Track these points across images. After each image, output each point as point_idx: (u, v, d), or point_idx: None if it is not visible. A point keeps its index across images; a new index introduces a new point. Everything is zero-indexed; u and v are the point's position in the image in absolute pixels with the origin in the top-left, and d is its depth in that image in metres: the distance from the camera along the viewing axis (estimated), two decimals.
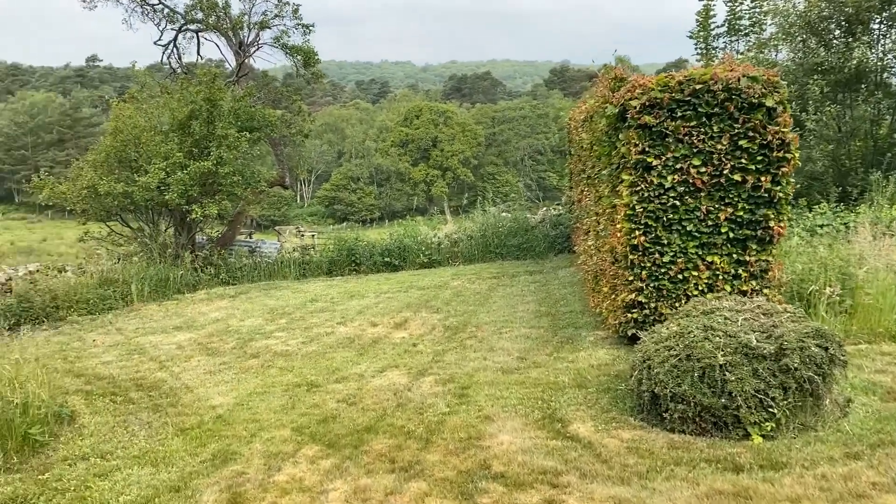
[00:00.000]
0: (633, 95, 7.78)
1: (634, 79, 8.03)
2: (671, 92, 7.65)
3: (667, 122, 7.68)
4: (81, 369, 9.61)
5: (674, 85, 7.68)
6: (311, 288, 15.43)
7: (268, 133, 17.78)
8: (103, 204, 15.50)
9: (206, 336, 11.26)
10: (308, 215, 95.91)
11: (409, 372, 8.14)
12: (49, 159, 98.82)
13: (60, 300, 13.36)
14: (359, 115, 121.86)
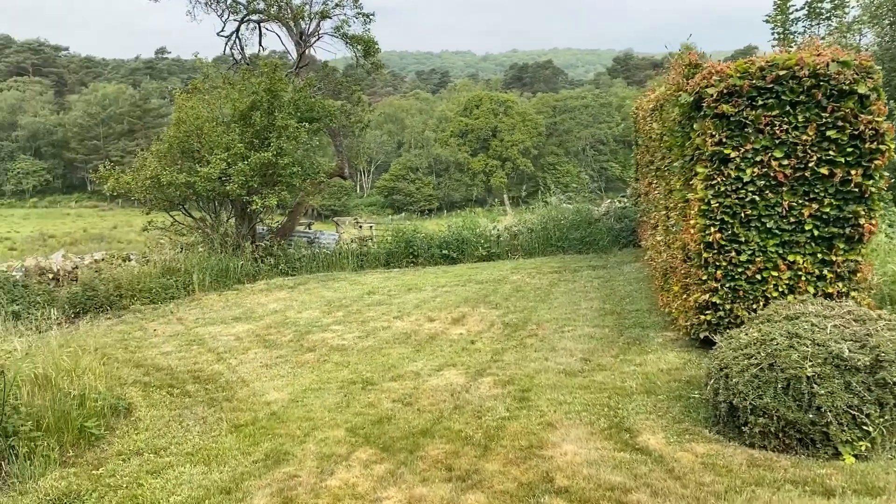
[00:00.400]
0: (709, 82, 7.27)
1: (710, 65, 7.52)
2: (752, 78, 7.12)
3: (746, 111, 7.15)
4: (141, 360, 9.66)
5: (754, 71, 7.14)
6: (369, 280, 15.29)
7: (327, 123, 17.71)
8: (166, 194, 15.69)
9: (264, 328, 11.21)
10: (367, 205, 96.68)
11: (466, 371, 7.85)
12: (119, 149, 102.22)
13: (124, 289, 13.55)
14: (418, 105, 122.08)
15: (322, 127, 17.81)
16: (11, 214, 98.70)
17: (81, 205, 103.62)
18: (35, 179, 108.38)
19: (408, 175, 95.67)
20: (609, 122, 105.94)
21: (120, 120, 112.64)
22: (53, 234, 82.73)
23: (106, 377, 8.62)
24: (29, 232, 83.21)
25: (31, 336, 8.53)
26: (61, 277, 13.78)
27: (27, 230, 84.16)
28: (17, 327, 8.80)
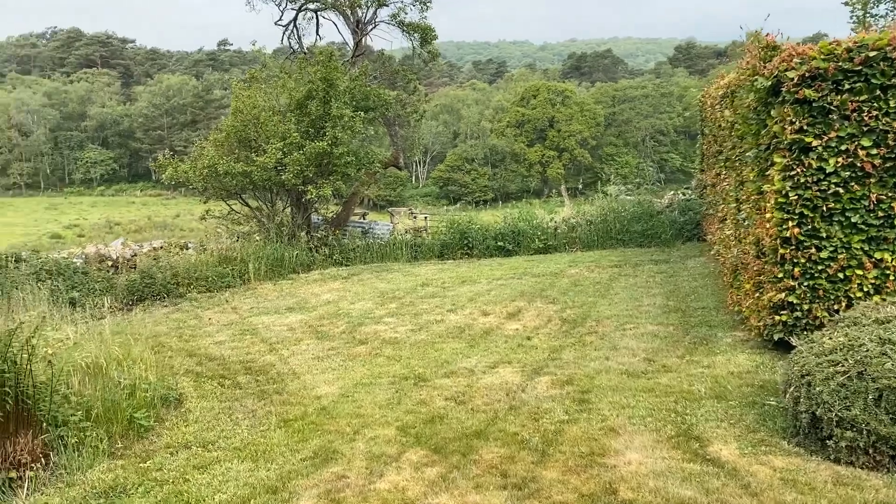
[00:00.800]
0: (789, 65, 6.74)
1: (790, 47, 6.97)
2: (837, 61, 6.56)
3: (830, 95, 6.60)
4: (194, 349, 9.63)
5: (840, 53, 6.58)
6: (423, 271, 15.07)
7: (382, 113, 17.54)
8: (223, 183, 15.76)
9: (316, 318, 11.09)
10: (422, 196, 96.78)
11: (522, 370, 7.52)
12: (182, 139, 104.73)
13: (180, 277, 13.65)
14: (475, 95, 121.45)
15: (377, 116, 17.65)
16: (80, 202, 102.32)
17: (146, 193, 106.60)
18: (103, 168, 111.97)
19: (463, 166, 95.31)
20: (670, 113, 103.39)
21: (183, 110, 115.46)
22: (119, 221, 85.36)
23: (158, 366, 8.61)
24: (96, 219, 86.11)
25: (87, 323, 8.56)
26: (120, 265, 13.97)
27: (95, 217, 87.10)
28: (74, 314, 8.82)
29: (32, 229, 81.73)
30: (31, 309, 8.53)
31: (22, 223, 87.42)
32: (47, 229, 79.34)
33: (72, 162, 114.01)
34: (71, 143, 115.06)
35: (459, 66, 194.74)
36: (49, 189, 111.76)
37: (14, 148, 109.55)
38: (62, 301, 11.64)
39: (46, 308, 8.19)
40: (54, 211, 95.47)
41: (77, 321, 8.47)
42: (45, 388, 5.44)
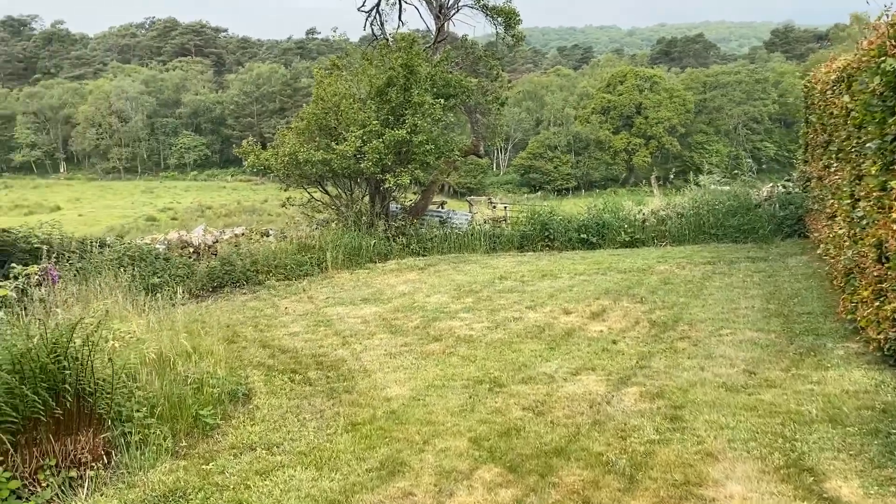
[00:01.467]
0: None
1: None
2: None
3: None
4: (268, 339, 9.49)
5: None
6: (501, 264, 14.58)
7: (463, 100, 17.07)
8: (303, 171, 15.69)
9: (391, 311, 10.80)
10: (502, 184, 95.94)
11: (608, 378, 6.96)
12: (271, 126, 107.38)
13: (260, 265, 13.64)
14: (559, 81, 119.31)
15: (458, 104, 17.20)
16: (174, 186, 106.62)
17: (236, 179, 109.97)
18: (195, 154, 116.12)
19: (546, 153, 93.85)
20: (764, 99, 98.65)
21: (272, 98, 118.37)
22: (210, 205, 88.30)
23: (230, 358, 8.49)
24: (189, 203, 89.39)
25: (163, 311, 8.49)
26: (202, 251, 14.08)
27: (187, 201, 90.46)
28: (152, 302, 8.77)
29: (129, 212, 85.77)
30: (108, 296, 8.54)
31: (120, 206, 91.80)
32: (143, 212, 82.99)
33: (167, 147, 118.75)
34: (166, 130, 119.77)
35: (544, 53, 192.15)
36: (145, 173, 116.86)
37: (114, 133, 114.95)
38: (143, 287, 11.79)
39: (121, 297, 8.14)
40: (150, 194, 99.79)
41: (152, 310, 8.40)
42: (108, 384, 5.27)
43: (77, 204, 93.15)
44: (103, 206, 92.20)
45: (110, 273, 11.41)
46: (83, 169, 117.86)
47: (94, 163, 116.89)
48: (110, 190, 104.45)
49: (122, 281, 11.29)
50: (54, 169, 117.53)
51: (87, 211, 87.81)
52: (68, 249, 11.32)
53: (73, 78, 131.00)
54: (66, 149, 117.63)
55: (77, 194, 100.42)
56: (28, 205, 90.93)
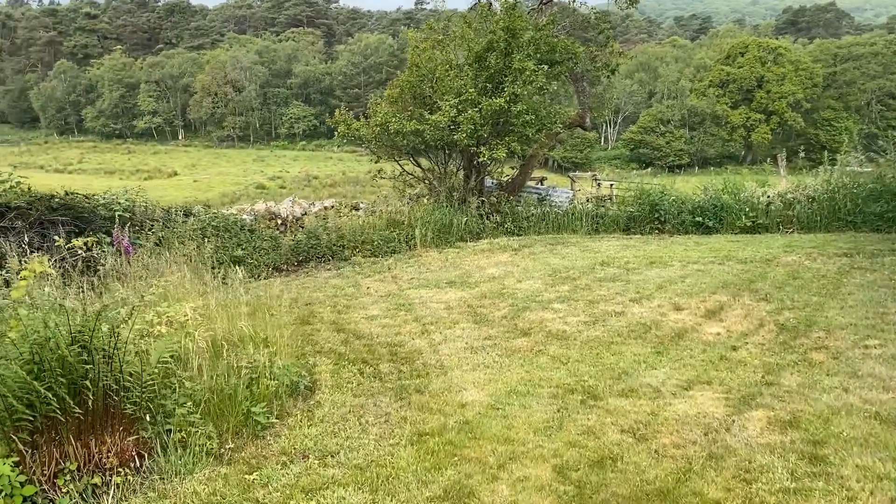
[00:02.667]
0: None
1: None
2: None
3: None
4: (345, 322, 8.82)
5: None
6: (604, 247, 13.36)
7: (569, 67, 15.75)
8: (394, 142, 14.94)
9: (477, 297, 9.90)
10: (610, 159, 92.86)
11: (727, 396, 5.80)
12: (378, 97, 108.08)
13: (346, 240, 13.06)
14: (675, 52, 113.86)
15: (563, 71, 15.91)
16: (284, 155, 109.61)
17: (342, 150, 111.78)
18: (305, 124, 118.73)
19: (658, 127, 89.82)
20: None
21: (379, 69, 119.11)
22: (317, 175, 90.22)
23: (302, 341, 7.88)
24: (297, 172, 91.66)
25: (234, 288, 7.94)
26: (289, 224, 13.64)
27: (295, 170, 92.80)
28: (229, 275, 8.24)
29: (241, 179, 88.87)
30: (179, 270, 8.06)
31: (233, 173, 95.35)
32: (254, 180, 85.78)
33: (277, 117, 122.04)
34: (277, 100, 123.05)
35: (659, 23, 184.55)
36: (257, 142, 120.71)
37: (228, 103, 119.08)
38: (226, 259, 11.42)
39: (189, 272, 7.61)
40: (261, 163, 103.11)
41: (222, 287, 7.85)
42: (139, 379, 4.63)
43: (193, 170, 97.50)
44: (217, 173, 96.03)
45: (193, 244, 11.10)
46: (200, 136, 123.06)
47: (210, 131, 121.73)
48: (224, 157, 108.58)
49: (205, 252, 10.96)
50: (173, 136, 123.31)
51: (201, 177, 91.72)
52: (151, 218, 11.05)
53: (193, 48, 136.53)
54: (184, 116, 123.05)
55: (193, 161, 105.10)
56: (148, 169, 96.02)
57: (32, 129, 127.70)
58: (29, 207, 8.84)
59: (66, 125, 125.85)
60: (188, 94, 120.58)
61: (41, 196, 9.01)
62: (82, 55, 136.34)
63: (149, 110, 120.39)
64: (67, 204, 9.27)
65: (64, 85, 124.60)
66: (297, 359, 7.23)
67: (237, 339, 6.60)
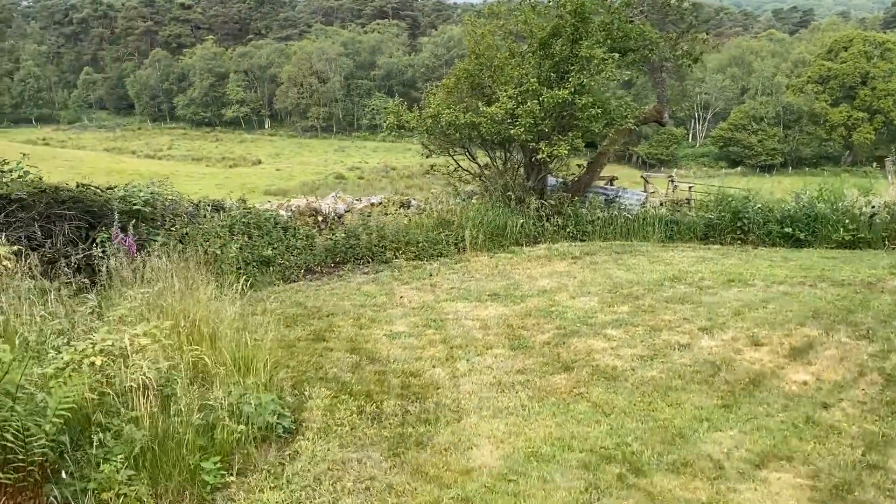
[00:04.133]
0: None
1: None
2: None
3: None
4: (363, 340, 7.75)
5: None
6: (676, 259, 11.82)
7: (645, 55, 14.12)
8: (447, 135, 13.75)
9: (521, 314, 8.64)
10: (697, 156, 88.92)
11: (812, 482, 4.38)
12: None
13: (388, 240, 11.99)
14: (771, 47, 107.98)
15: (638, 59, 14.29)
16: (364, 146, 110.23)
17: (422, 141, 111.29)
18: None
19: (749, 125, 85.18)
20: None
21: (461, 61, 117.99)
22: (395, 166, 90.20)
23: (306, 364, 6.87)
24: (375, 163, 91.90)
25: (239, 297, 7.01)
26: (331, 221, 12.69)
27: (374, 161, 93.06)
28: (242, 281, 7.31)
29: (322, 168, 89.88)
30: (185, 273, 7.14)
31: (314, 163, 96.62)
32: (333, 170, 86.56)
33: (360, 108, 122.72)
34: (360, 91, 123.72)
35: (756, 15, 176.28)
36: (339, 133, 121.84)
37: (313, 93, 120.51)
38: (254, 259, 10.55)
39: (178, 282, 6.66)
40: (342, 153, 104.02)
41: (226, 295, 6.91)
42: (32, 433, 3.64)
43: (276, 159, 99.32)
44: (299, 163, 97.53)
45: (218, 241, 10.28)
46: (285, 126, 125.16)
47: (295, 121, 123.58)
48: (307, 147, 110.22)
49: (229, 251, 10.12)
50: (259, 125, 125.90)
51: (283, 166, 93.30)
52: (174, 213, 10.27)
53: (281, 39, 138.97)
54: (270, 106, 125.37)
55: (277, 150, 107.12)
56: (233, 157, 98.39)
57: (128, 116, 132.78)
58: (31, 200, 8.14)
59: (158, 112, 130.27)
60: (275, 85, 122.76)
61: (47, 187, 8.31)
62: (176, 44, 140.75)
63: (237, 99, 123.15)
64: (76, 197, 8.54)
65: (158, 73, 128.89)
66: (291, 388, 6.21)
67: (220, 366, 5.62)
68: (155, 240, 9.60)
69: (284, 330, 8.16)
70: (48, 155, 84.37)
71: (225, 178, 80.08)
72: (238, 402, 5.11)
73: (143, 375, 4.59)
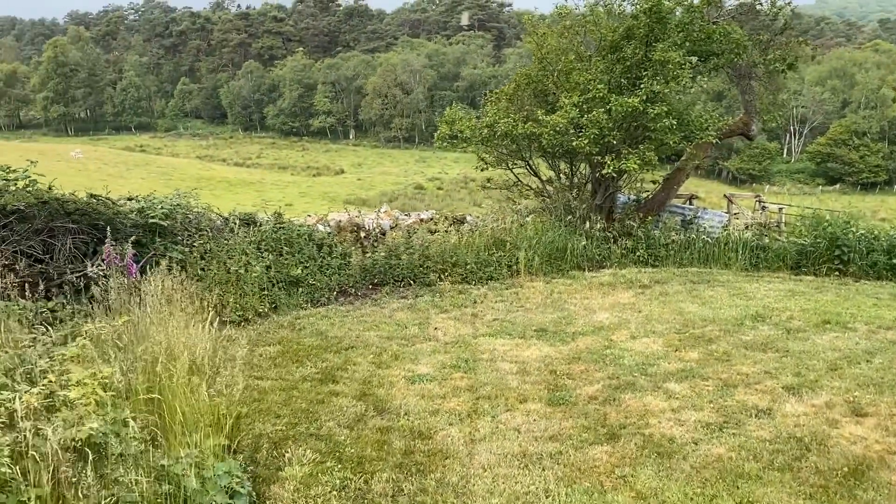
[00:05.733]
0: None
1: None
2: None
3: None
4: (377, 383, 6.69)
5: None
6: (761, 292, 10.23)
7: (730, 60, 12.46)
8: (503, 146, 12.55)
9: (569, 357, 7.38)
10: (793, 172, 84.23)
11: None
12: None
13: (432, 261, 10.90)
14: (876, 58, 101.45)
15: (722, 65, 12.67)
16: (445, 157, 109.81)
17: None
18: None
19: (850, 140, 79.99)
20: None
21: None
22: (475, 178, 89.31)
23: (301, 415, 5.85)
24: (455, 174, 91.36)
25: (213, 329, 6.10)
26: (374, 238, 11.71)
27: (454, 172, 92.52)
28: None
29: (402, 178, 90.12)
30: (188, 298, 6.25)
31: (395, 172, 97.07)
32: (413, 180, 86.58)
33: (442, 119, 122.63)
34: (443, 102, 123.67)
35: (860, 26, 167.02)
36: (421, 143, 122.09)
37: (397, 104, 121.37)
38: (282, 279, 9.65)
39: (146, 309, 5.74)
40: (423, 164, 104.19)
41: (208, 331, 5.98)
42: None
43: (358, 169, 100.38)
44: (380, 173, 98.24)
45: (243, 259, 9.44)
46: (369, 136, 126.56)
47: (378, 131, 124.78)
48: (389, 157, 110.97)
49: (253, 271, 9.25)
50: (345, 135, 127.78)
51: (365, 175, 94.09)
52: (198, 227, 9.49)
53: (368, 51, 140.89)
54: (355, 117, 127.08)
55: (360, 160, 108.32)
56: (318, 166, 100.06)
57: (221, 125, 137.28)
58: (31, 211, 7.47)
59: (249, 122, 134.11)
60: (360, 96, 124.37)
61: (50, 198, 7.64)
62: (268, 56, 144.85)
63: (324, 110, 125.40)
64: (82, 209, 7.84)
65: (250, 84, 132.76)
66: (272, 448, 5.19)
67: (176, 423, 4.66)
68: (175, 255, 8.85)
69: (292, 366, 7.19)
70: (142, 161, 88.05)
71: (308, 186, 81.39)
72: (179, 475, 4.10)
73: (49, 441, 3.63)
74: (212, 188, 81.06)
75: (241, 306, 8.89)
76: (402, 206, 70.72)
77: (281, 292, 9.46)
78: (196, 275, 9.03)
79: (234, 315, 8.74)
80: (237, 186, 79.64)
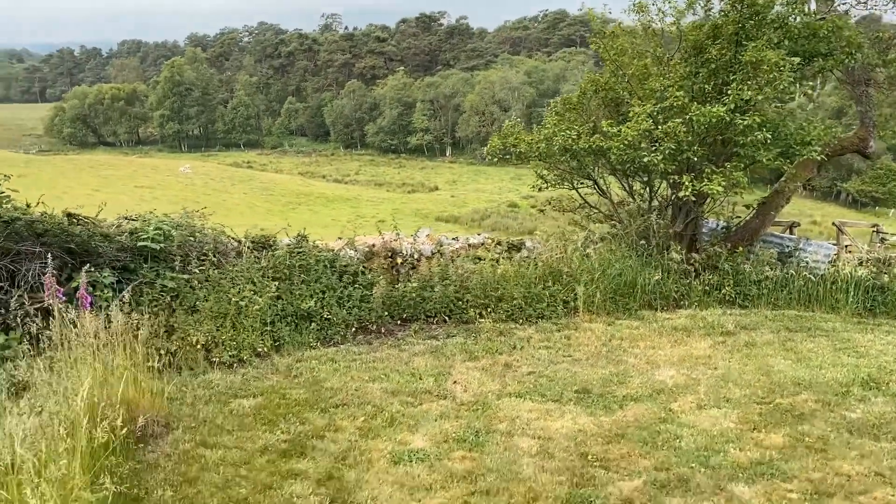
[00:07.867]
0: None
1: None
2: None
3: None
4: (353, 460, 5.34)
5: None
6: (875, 346, 8.14)
7: (841, 61, 10.21)
8: (563, 161, 10.89)
9: (609, 435, 5.74)
10: None
11: None
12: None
13: (472, 294, 9.40)
14: None
15: (832, 67, 10.50)
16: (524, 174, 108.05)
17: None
18: None
19: None
20: None
21: None
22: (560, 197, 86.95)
23: None
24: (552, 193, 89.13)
25: None
26: (411, 264, 10.32)
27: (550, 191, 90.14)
28: None
29: (495, 196, 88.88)
30: None
31: (488, 190, 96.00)
32: (507, 198, 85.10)
33: None
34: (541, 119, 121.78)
35: None
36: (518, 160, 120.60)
37: (494, 121, 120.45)
38: (291, 312, 8.41)
39: None
40: (517, 181, 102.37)
41: None
42: None
43: (452, 186, 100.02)
44: (473, 190, 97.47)
45: (246, 288, 8.26)
46: (465, 154, 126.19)
47: (475, 148, 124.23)
48: (484, 174, 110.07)
49: (255, 304, 8.06)
50: (441, 152, 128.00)
51: (459, 193, 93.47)
52: (201, 251, 8.40)
53: (467, 69, 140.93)
54: (452, 134, 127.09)
55: (455, 177, 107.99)
56: (412, 183, 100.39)
57: (324, 142, 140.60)
58: None
59: (350, 139, 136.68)
60: (458, 113, 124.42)
61: (13, 218, 6.70)
62: (370, 75, 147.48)
63: (421, 127, 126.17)
64: (51, 230, 6.87)
65: (352, 103, 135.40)
66: None
67: None
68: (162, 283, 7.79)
69: (260, 430, 5.88)
70: (247, 177, 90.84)
71: (402, 203, 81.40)
72: None
73: None
74: (310, 204, 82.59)
75: (236, 345, 7.70)
76: (494, 225, 69.10)
77: (287, 328, 8.22)
78: (191, 306, 7.96)
79: (226, 355, 7.56)
80: (334, 202, 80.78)
